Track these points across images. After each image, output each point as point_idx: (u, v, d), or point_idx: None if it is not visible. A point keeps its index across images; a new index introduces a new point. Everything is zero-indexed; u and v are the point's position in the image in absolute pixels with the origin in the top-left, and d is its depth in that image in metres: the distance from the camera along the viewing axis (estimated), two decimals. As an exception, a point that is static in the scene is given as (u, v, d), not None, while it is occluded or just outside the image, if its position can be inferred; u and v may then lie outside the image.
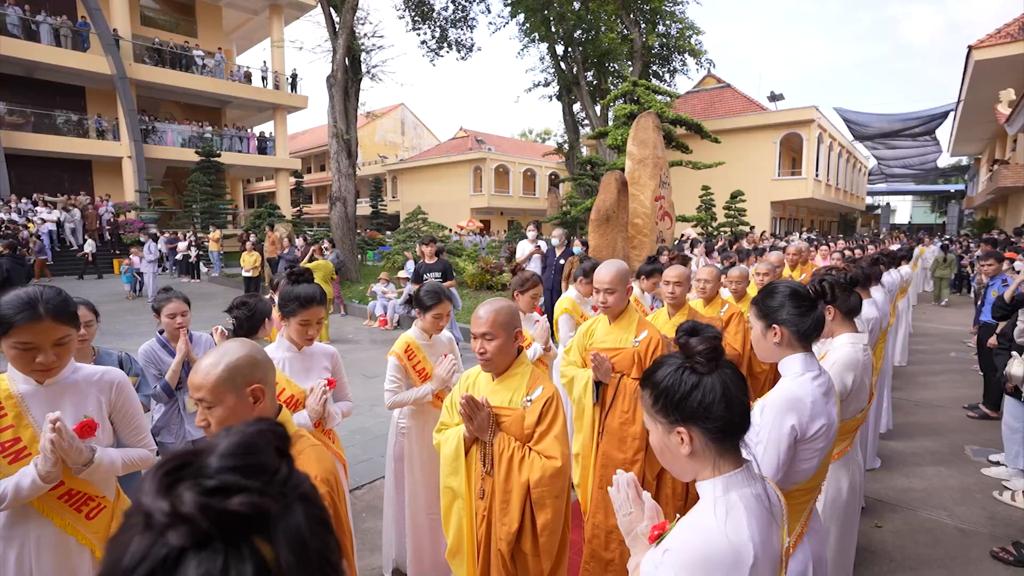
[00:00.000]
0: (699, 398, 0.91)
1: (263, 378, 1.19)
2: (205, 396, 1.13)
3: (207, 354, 1.18)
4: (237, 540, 0.36)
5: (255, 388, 1.16)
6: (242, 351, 1.18)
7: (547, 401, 1.66)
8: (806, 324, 1.41)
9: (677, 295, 2.85)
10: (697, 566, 0.83)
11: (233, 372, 1.14)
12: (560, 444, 1.62)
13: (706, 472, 0.94)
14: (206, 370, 1.14)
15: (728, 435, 0.92)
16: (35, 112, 18.33)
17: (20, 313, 1.31)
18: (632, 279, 3.72)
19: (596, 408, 2.32)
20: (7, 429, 1.38)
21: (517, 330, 1.71)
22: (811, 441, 1.35)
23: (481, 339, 1.67)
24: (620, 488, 1.10)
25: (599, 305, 2.32)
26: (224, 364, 1.14)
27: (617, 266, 2.30)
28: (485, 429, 1.65)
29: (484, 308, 1.70)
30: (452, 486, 1.75)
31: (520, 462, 1.61)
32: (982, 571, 2.69)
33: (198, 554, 0.35)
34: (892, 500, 3.40)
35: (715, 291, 3.25)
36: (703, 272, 3.26)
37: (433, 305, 2.28)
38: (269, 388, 1.21)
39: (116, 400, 1.55)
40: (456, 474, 1.74)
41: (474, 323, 1.68)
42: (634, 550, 1.06)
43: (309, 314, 1.93)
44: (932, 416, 4.94)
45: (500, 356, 1.68)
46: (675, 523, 0.95)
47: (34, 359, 1.35)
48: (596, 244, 6.82)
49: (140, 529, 0.37)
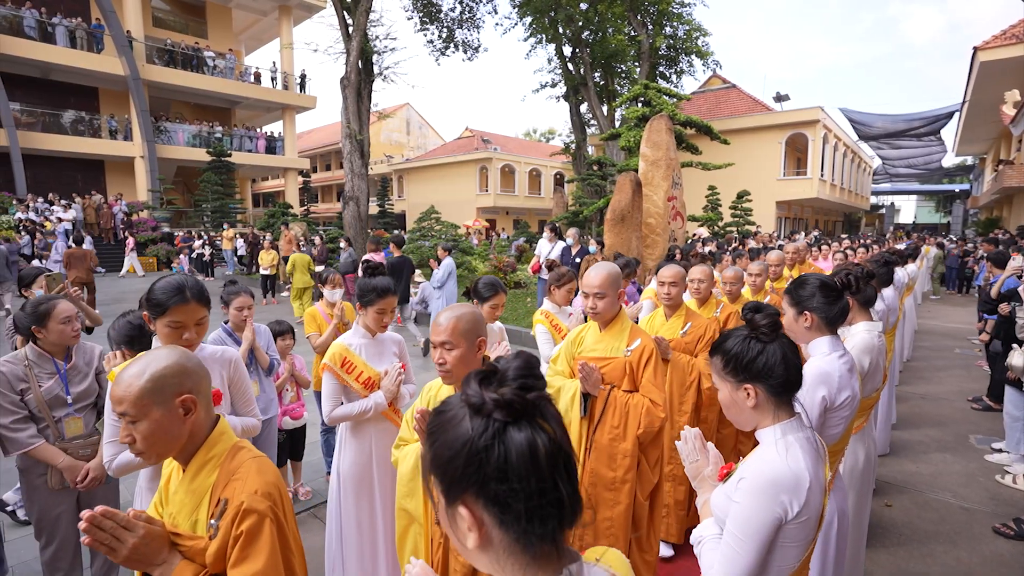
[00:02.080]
0: (763, 361, 1.16)
1: (195, 388, 1.11)
2: (127, 410, 1.05)
3: (132, 362, 1.11)
4: (532, 418, 0.60)
5: (185, 399, 1.09)
6: (170, 359, 1.10)
7: None
8: (833, 311, 1.65)
9: (673, 296, 2.75)
10: (767, 488, 1.07)
11: (159, 383, 1.06)
12: None
13: (767, 420, 1.18)
14: (128, 381, 1.06)
15: (785, 390, 1.16)
16: (50, 113, 18.66)
17: (173, 297, 1.57)
18: (622, 280, 3.74)
19: (584, 422, 2.13)
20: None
21: (480, 339, 1.57)
22: (838, 410, 1.58)
23: (440, 348, 1.54)
24: (688, 440, 1.35)
25: (588, 311, 2.15)
26: (149, 374, 1.06)
27: (607, 269, 2.11)
28: None
29: (445, 315, 1.56)
30: (408, 508, 1.61)
31: None
32: (984, 545, 2.92)
33: (515, 425, 0.59)
34: (901, 483, 3.63)
35: (709, 291, 3.16)
36: (696, 272, 3.12)
37: (490, 296, 2.52)
38: (203, 398, 1.13)
39: (234, 374, 1.80)
40: (412, 496, 1.59)
41: (433, 331, 1.55)
42: (701, 490, 1.31)
43: (385, 303, 2.18)
44: (938, 408, 5.16)
45: (461, 367, 1.53)
46: (740, 463, 1.19)
47: (181, 336, 1.61)
48: (612, 243, 7.05)
49: (471, 414, 0.60)
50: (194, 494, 1.12)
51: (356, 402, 2.17)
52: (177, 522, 1.13)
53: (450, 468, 0.60)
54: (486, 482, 0.57)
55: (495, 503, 0.58)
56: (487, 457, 0.57)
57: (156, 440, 1.07)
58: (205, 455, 1.13)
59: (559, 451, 0.60)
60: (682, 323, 2.80)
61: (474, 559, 0.64)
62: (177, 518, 1.13)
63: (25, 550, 2.78)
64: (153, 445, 1.08)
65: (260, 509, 1.05)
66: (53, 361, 2.19)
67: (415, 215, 29.66)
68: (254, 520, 1.04)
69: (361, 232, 14.02)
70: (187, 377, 1.11)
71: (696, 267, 3.15)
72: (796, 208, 25.32)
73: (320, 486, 3.55)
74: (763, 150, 21.16)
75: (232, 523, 1.04)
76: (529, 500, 0.57)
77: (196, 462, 1.13)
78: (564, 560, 0.62)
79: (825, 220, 30.46)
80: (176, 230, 19.29)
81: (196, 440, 1.13)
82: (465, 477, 0.58)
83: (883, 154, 28.37)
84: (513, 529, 0.59)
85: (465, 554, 0.65)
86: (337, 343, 2.23)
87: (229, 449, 1.16)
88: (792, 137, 21.28)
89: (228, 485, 1.09)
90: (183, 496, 1.13)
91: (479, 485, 0.58)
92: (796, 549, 1.10)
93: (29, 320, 2.18)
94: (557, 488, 0.59)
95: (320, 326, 3.47)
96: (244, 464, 1.12)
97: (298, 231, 13.43)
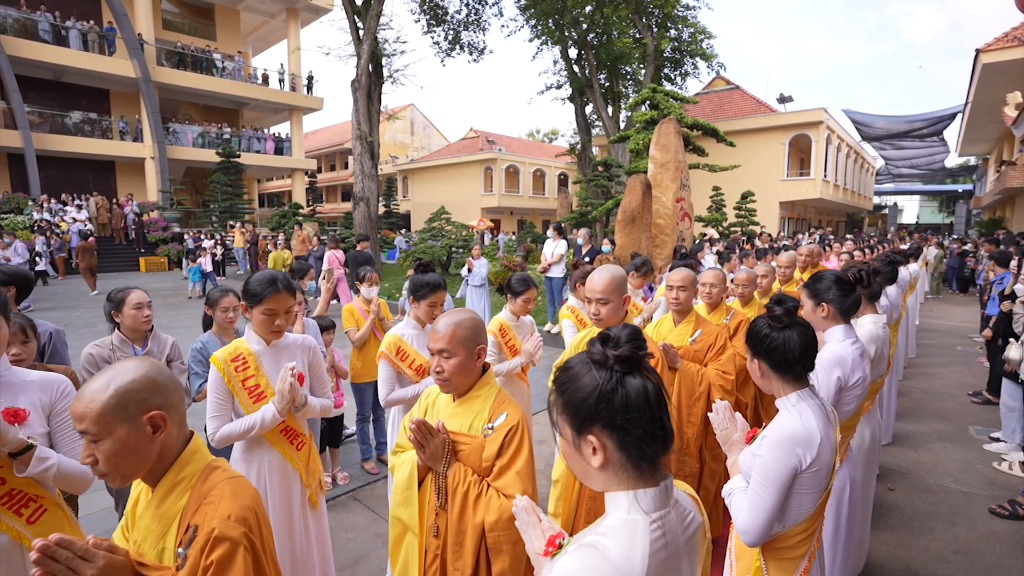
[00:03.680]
0: (768, 343, 1.41)
1: (164, 403, 1.02)
2: (88, 428, 0.96)
3: (98, 375, 1.01)
4: (641, 369, 0.83)
5: (154, 416, 1.00)
6: (138, 372, 1.01)
7: (511, 430, 1.46)
8: (847, 302, 1.87)
9: (682, 300, 2.62)
10: (785, 442, 1.31)
11: (124, 398, 0.97)
12: (522, 481, 1.43)
13: (778, 389, 1.44)
14: (91, 396, 0.97)
15: (785, 368, 1.41)
16: (62, 114, 18.94)
17: (267, 288, 1.80)
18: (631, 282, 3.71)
19: None
20: (251, 377, 1.87)
21: (480, 347, 1.54)
22: (851, 389, 1.80)
23: (438, 356, 1.50)
24: (719, 412, 1.58)
25: (591, 317, 2.07)
26: (114, 388, 0.97)
27: (611, 273, 2.03)
28: (439, 458, 1.46)
29: (443, 321, 1.52)
30: (402, 518, 1.56)
31: (476, 500, 1.43)
32: (981, 524, 3.13)
33: (630, 374, 0.82)
34: (903, 469, 3.84)
35: (720, 296, 3.05)
36: (708, 276, 3.02)
37: (523, 291, 2.75)
38: (174, 414, 1.04)
39: (312, 359, 2.03)
40: (407, 505, 1.54)
41: (431, 338, 1.52)
42: (730, 453, 1.54)
43: (436, 297, 2.40)
44: (939, 402, 5.37)
45: (459, 376, 1.50)
46: (763, 428, 1.42)
47: (273, 323, 1.84)
48: (623, 243, 7.28)
49: (596, 367, 0.83)
50: (162, 519, 1.03)
51: (409, 387, 2.39)
52: (142, 550, 1.03)
53: (583, 407, 0.82)
54: (613, 415, 0.80)
55: (618, 430, 0.80)
56: (613, 397, 0.80)
57: (121, 461, 0.98)
58: (175, 476, 1.04)
59: (660, 394, 0.83)
60: (691, 330, 2.64)
61: (593, 477, 0.86)
62: (142, 546, 1.04)
63: (94, 525, 3.01)
64: (118, 466, 0.98)
65: (233, 536, 0.96)
66: (132, 346, 2.43)
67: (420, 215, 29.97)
68: (226, 548, 0.95)
69: (371, 232, 14.25)
70: (156, 392, 1.01)
71: (708, 271, 3.09)
72: (799, 208, 25.52)
73: (357, 472, 3.78)
74: (767, 151, 21.37)
75: (202, 552, 0.95)
76: (644, 427, 0.80)
77: (165, 484, 1.04)
78: (659, 477, 0.85)
79: (828, 220, 30.64)
80: (185, 230, 19.58)
81: (166, 460, 1.04)
82: (596, 413, 0.81)
83: (886, 154, 28.54)
84: (629, 450, 0.81)
85: (586, 477, 0.87)
86: (391, 334, 2.45)
87: (202, 469, 1.07)
88: (796, 138, 21.49)
89: (199, 509, 1.00)
90: (149, 521, 1.04)
91: (607, 418, 0.81)
92: (811, 496, 1.33)
93: (109, 306, 2.43)
94: (661, 419, 0.81)
95: (358, 321, 3.69)
96: (217, 486, 1.03)
97: (310, 231, 13.67)
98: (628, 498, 0.82)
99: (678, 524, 0.85)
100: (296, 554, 1.90)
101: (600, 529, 0.82)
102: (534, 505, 1.10)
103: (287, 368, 1.80)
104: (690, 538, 0.87)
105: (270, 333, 1.88)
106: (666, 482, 0.85)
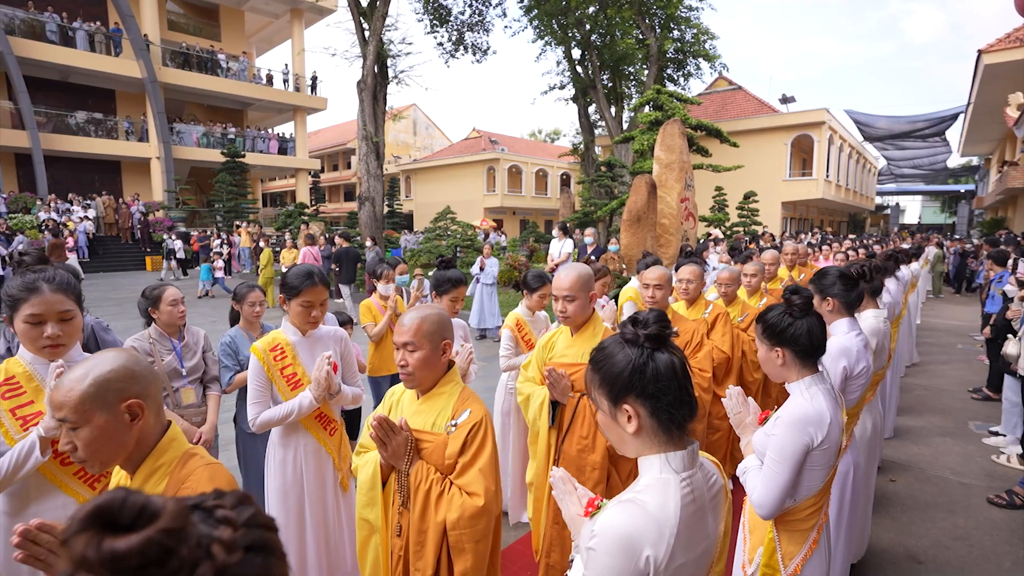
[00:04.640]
0: (792, 331, 1.50)
1: (142, 392, 1.06)
2: (67, 416, 1.00)
3: (75, 366, 1.06)
4: (668, 347, 0.94)
5: (131, 404, 1.03)
6: (116, 361, 1.05)
7: (473, 427, 1.47)
8: (851, 296, 1.98)
9: (658, 299, 2.64)
10: (797, 422, 1.42)
11: (102, 387, 1.01)
12: (485, 479, 1.43)
13: (794, 376, 1.53)
14: (69, 385, 1.01)
15: (809, 354, 1.51)
16: (69, 115, 19.09)
17: (304, 281, 1.92)
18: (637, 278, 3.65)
19: (552, 432, 2.03)
20: (288, 366, 1.98)
21: (446, 341, 1.52)
22: (856, 378, 1.91)
23: (403, 349, 1.48)
24: (732, 397, 1.68)
25: (558, 315, 2.08)
26: (92, 378, 1.01)
27: (578, 271, 2.03)
28: (401, 456, 1.45)
29: (409, 315, 1.51)
30: (368, 518, 1.54)
31: (438, 498, 1.42)
32: (979, 513, 3.24)
33: (660, 350, 0.93)
34: (904, 462, 3.95)
35: (698, 291, 3.05)
36: (685, 271, 3.02)
37: (539, 287, 2.86)
38: (151, 402, 1.08)
39: (344, 350, 2.14)
40: (372, 506, 1.53)
41: (397, 331, 1.51)
42: (744, 435, 1.65)
43: (458, 292, 2.52)
44: (939, 399, 5.48)
45: (423, 370, 1.49)
46: (775, 411, 1.53)
47: (310, 314, 1.96)
48: (628, 242, 7.39)
49: (627, 345, 0.94)
50: None
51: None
52: None
53: (618, 380, 0.94)
54: (645, 385, 0.92)
55: (650, 398, 0.92)
56: (644, 370, 0.92)
57: (99, 448, 1.02)
58: (153, 463, 1.08)
59: (685, 367, 0.95)
60: None
61: (628, 443, 0.97)
62: None
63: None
64: (96, 453, 1.02)
65: None
66: (170, 340, 2.54)
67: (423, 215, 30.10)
68: None
69: (377, 232, 14.38)
70: (134, 381, 1.05)
71: (685, 267, 3.04)
72: (802, 208, 25.59)
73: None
74: (769, 151, 21.45)
75: None
76: (672, 394, 0.91)
77: (144, 471, 1.08)
78: (686, 442, 0.96)
79: (830, 220, 30.71)
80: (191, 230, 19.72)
81: (144, 447, 1.08)
82: (630, 384, 0.92)
83: (888, 155, 28.61)
84: (660, 416, 0.92)
85: (622, 444, 0.98)
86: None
87: (180, 456, 1.11)
88: (798, 138, 21.57)
89: (177, 494, 1.02)
90: None
91: (640, 388, 0.92)
92: (820, 472, 1.43)
93: (145, 303, 2.55)
94: (687, 388, 0.93)
95: (375, 317, 3.80)
96: (195, 472, 1.07)
97: (317, 230, 13.80)
98: (660, 460, 0.93)
99: (704, 483, 0.96)
100: (330, 531, 2.02)
101: (636, 488, 0.94)
102: (570, 475, 1.19)
103: (324, 357, 1.91)
104: (714, 496, 0.98)
105: (306, 324, 1.99)
106: (692, 446, 0.96)
